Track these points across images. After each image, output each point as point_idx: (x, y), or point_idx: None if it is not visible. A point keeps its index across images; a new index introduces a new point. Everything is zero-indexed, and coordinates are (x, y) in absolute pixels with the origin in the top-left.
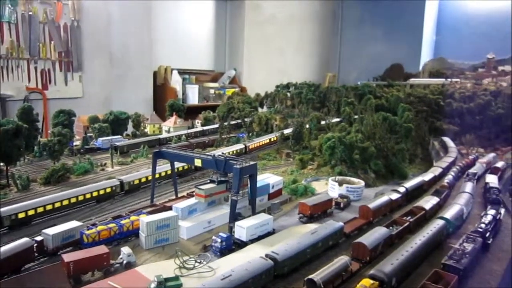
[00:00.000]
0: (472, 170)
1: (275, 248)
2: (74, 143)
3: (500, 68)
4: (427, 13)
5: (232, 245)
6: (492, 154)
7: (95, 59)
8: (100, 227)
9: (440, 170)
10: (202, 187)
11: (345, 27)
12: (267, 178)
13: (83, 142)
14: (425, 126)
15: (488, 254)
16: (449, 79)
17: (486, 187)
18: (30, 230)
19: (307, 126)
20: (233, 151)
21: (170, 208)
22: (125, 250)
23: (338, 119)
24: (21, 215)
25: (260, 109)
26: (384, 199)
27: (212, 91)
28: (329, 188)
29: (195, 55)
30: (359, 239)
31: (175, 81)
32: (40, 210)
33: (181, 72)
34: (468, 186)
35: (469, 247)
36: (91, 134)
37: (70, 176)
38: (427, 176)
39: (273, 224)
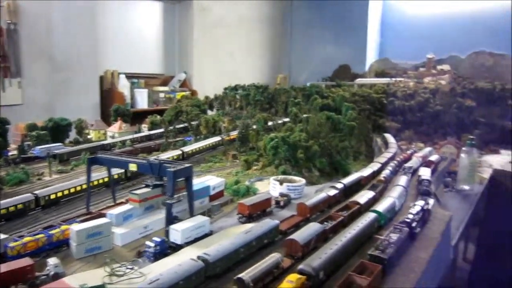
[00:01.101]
0: (408, 164)
1: (208, 249)
2: (10, 153)
3: (439, 67)
4: (371, 16)
5: (166, 249)
6: (428, 149)
7: (35, 64)
8: (26, 239)
9: (378, 165)
10: (136, 191)
11: (295, 29)
12: (208, 180)
13: (20, 151)
14: (368, 124)
15: (415, 243)
16: (394, 79)
17: (418, 180)
18: None
19: (254, 127)
20: (171, 157)
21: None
22: (52, 261)
23: (285, 120)
24: None
25: (210, 112)
26: (321, 195)
27: (162, 95)
28: (270, 187)
29: (144, 58)
30: (292, 236)
31: (123, 85)
32: None
33: (129, 76)
34: (402, 180)
35: (394, 237)
36: (29, 143)
37: (2, 187)
38: (366, 172)
39: (212, 226)
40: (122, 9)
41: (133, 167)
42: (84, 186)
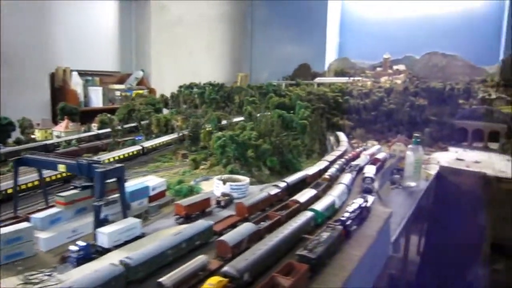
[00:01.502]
0: (355, 162)
1: (132, 253)
2: None
3: (395, 67)
4: (330, 16)
5: (92, 254)
6: (377, 146)
7: None
8: None
9: (326, 163)
10: (62, 194)
11: (256, 28)
12: (148, 181)
13: None
14: (321, 123)
15: (351, 241)
16: (352, 78)
17: (362, 178)
18: None
19: (208, 126)
20: (131, 152)
21: None
22: None
23: (240, 118)
24: None
25: (166, 111)
26: (261, 195)
27: (118, 93)
28: (214, 187)
29: (99, 55)
30: (222, 237)
31: (76, 83)
32: None
33: (83, 73)
34: (346, 178)
35: (325, 235)
36: None
37: None
38: (311, 170)
39: (148, 228)
40: (77, 6)
41: (62, 168)
42: (23, 187)
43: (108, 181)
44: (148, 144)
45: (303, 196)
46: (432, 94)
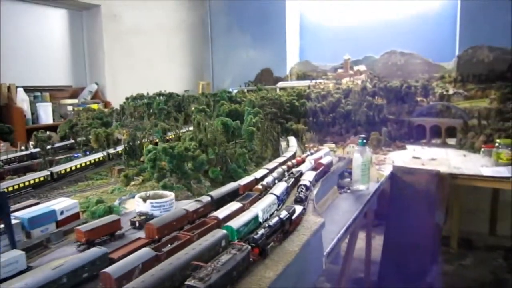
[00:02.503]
0: (296, 169)
1: None
2: None
3: (356, 68)
4: (289, 19)
5: None
6: (325, 150)
7: None
8: None
9: (265, 171)
10: None
11: (215, 35)
12: (56, 204)
13: None
14: (273, 128)
15: (267, 261)
16: (314, 81)
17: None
18: None
19: (152, 137)
20: (32, 180)
21: None
22: None
23: (191, 128)
24: None
25: (115, 123)
26: (176, 212)
27: (70, 108)
28: (135, 205)
29: (48, 69)
30: (107, 268)
31: (22, 100)
32: None
33: (31, 89)
34: (278, 187)
35: (226, 258)
36: None
37: None
38: (245, 180)
39: (42, 259)
40: (21, 17)
41: None
42: None
43: None
44: (60, 168)
45: (224, 211)
46: (390, 93)
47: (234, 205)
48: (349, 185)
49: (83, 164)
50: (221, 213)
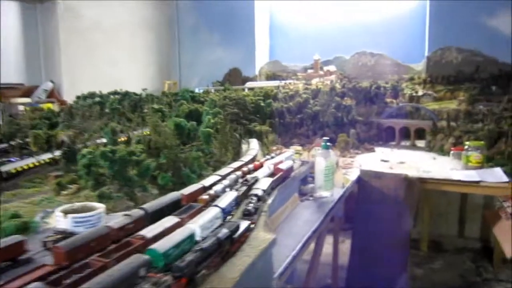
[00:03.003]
0: (252, 175)
1: None
2: None
3: (326, 68)
4: (258, 18)
5: None
6: (287, 153)
7: None
8: None
9: (216, 178)
10: None
11: (183, 33)
12: None
13: None
14: (235, 130)
15: None
16: (284, 81)
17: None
18: None
19: (103, 140)
20: None
21: None
22: None
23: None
24: None
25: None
26: (96, 230)
27: (21, 107)
28: (56, 221)
29: None
30: None
31: None
32: None
33: None
34: (225, 198)
35: None
36: None
37: None
38: (190, 189)
39: None
40: None
41: None
42: None
43: None
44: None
45: (156, 228)
46: (359, 93)
47: (169, 221)
48: (312, 192)
49: (14, 171)
50: (151, 231)
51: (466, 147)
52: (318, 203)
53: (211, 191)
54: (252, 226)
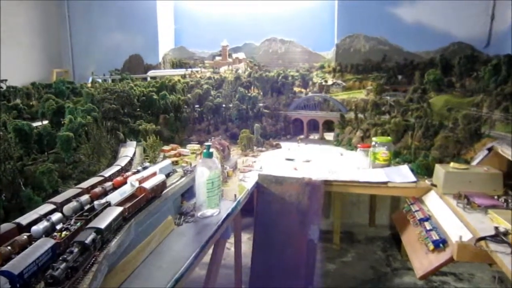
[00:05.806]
0: (103, 200)
1: None
2: None
3: (235, 55)
4: (161, 2)
5: None
6: (165, 162)
7: None
8: None
9: (50, 207)
10: None
11: (74, 14)
12: None
13: None
14: (112, 130)
15: None
16: (190, 69)
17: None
18: None
19: None
20: None
21: None
22: None
23: None
24: None
25: None
26: None
27: None
28: None
29: None
30: None
31: None
32: None
33: None
34: (30, 252)
35: None
36: None
37: None
38: (30, 218)
39: None
40: None
41: None
42: None
43: None
44: None
45: None
46: (266, 83)
47: None
48: (193, 212)
49: None
50: None
51: (373, 143)
52: (200, 225)
53: (29, 233)
54: None
